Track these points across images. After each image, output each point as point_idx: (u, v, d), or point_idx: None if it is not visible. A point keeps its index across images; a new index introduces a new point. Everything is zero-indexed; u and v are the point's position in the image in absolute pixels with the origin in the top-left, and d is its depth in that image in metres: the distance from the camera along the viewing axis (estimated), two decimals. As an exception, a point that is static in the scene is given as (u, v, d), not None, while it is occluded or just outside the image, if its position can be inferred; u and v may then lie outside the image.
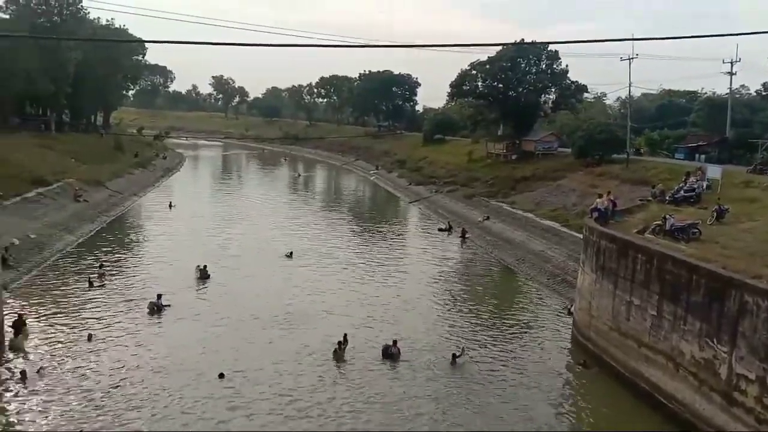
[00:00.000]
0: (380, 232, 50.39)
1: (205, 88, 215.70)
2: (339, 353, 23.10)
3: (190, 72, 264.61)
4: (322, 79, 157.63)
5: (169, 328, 25.51)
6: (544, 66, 69.60)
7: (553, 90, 70.97)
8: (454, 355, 23.28)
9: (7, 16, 71.75)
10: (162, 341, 24.01)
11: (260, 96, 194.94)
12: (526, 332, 27.49)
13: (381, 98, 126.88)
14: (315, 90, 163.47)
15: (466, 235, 47.55)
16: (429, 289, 33.91)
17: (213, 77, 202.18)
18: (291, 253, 38.51)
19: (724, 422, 17.08)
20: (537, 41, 67.78)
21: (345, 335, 23.91)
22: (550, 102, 73.11)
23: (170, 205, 55.32)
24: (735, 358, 16.88)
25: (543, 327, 28.28)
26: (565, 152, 62.60)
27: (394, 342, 23.66)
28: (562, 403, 20.94)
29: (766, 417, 15.78)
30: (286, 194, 72.76)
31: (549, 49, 68.03)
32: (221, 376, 20.90)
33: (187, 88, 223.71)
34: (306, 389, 20.54)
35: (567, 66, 69.66)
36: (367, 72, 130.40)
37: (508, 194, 55.68)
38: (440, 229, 50.28)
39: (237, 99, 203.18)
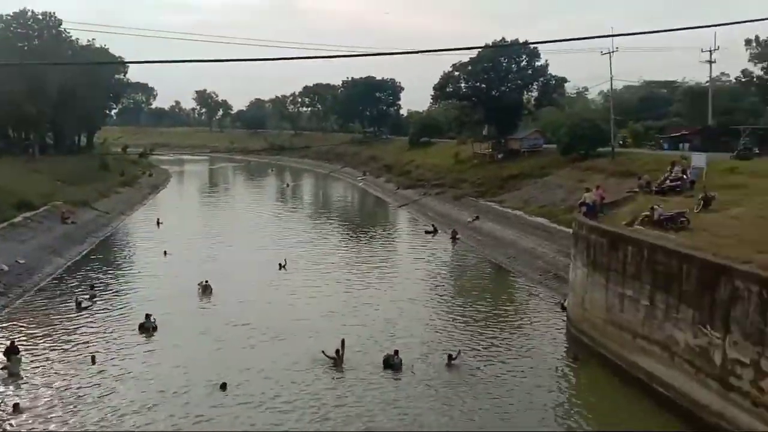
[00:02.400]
0: (370, 237, 50.46)
1: (188, 103, 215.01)
2: (338, 360, 23.07)
3: (172, 87, 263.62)
4: (305, 88, 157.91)
5: (165, 347, 25.32)
6: (524, 63, 70.18)
7: (535, 87, 71.48)
8: (449, 356, 23.30)
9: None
10: (159, 360, 23.87)
11: (244, 108, 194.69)
12: (520, 329, 27.60)
13: (365, 104, 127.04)
14: (299, 99, 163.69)
15: (457, 236, 47.67)
16: (422, 291, 33.95)
17: (196, 92, 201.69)
18: (284, 263, 38.43)
19: (721, 407, 17.19)
20: (517, 42, 67.82)
21: (342, 341, 23.86)
22: (533, 99, 73.60)
23: (158, 222, 54.99)
24: (729, 344, 17.01)
25: (537, 323, 28.41)
26: (551, 149, 62.95)
27: (396, 352, 23.40)
28: (560, 399, 21.01)
29: (762, 400, 15.91)
30: (274, 205, 72.68)
31: (529, 46, 68.56)
32: (223, 387, 20.87)
33: (170, 104, 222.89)
34: (308, 396, 20.51)
35: (547, 61, 70.42)
36: (350, 79, 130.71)
37: (497, 193, 55.90)
38: (426, 232, 50.47)
39: (221, 112, 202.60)
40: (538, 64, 69.94)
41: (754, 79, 59.04)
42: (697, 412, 18.06)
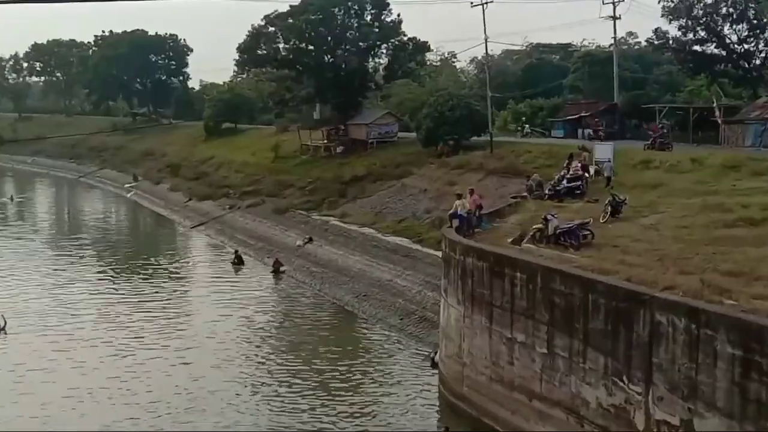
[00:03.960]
0: (149, 276, 48.67)
1: None
2: None
3: None
4: (35, 46, 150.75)
5: None
6: (369, 18, 71.76)
7: (384, 51, 73.31)
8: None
9: None
10: None
11: None
12: (373, 401, 27.74)
13: (133, 72, 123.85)
14: (25, 63, 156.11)
15: (282, 268, 47.37)
16: (230, 353, 33.23)
17: None
18: (2, 324, 36.01)
19: (646, 489, 18.28)
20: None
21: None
22: (381, 68, 75.28)
23: None
24: (653, 400, 18.15)
25: (399, 386, 28.78)
26: (409, 138, 64.53)
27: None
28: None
29: (698, 474, 17.10)
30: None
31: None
32: None
33: None
34: None
35: (399, 16, 72.38)
36: (107, 33, 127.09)
37: (336, 203, 56.31)
38: (232, 263, 50.05)
39: None
40: (388, 19, 71.91)
41: (670, 42, 63.91)
42: (616, 497, 19.06)
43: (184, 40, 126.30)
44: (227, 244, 57.24)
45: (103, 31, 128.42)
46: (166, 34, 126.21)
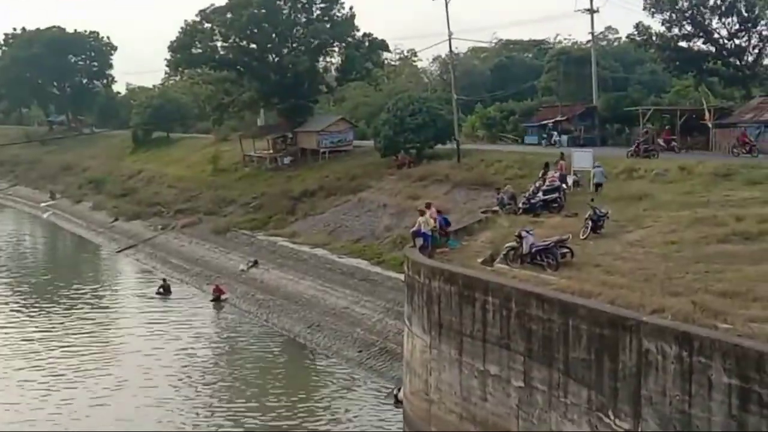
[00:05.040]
0: (69, 305, 48.19)
1: None
2: None
3: None
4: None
5: None
6: (318, 13, 72.08)
7: (336, 50, 73.63)
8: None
9: None
10: None
11: None
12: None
13: (50, 75, 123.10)
14: None
15: (223, 297, 47.12)
16: (163, 388, 33.27)
17: None
18: None
19: None
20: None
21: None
22: (333, 69, 75.48)
23: None
24: (641, 438, 18.30)
25: (359, 427, 28.74)
26: (366, 147, 64.85)
27: None
28: None
29: None
30: None
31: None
32: None
33: None
34: None
35: (353, 10, 72.97)
36: (19, 31, 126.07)
37: (285, 221, 56.55)
38: (158, 292, 49.60)
39: None
40: (339, 13, 72.36)
41: (653, 38, 64.55)
42: None
43: (108, 37, 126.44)
44: (159, 269, 56.94)
45: (14, 29, 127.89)
46: (86, 31, 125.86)
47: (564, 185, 35.11)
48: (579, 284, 22.13)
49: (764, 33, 60.41)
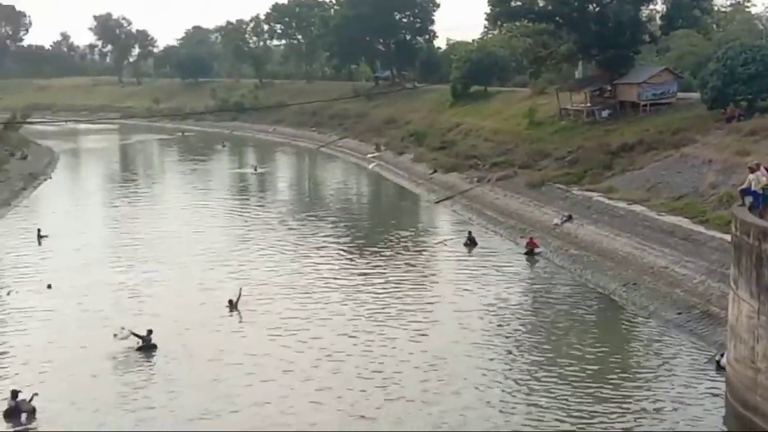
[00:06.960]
0: (390, 256, 50.03)
1: (83, 38, 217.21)
2: None
3: (56, 12, 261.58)
4: (276, 6, 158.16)
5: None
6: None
7: (660, -2, 70.95)
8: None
9: None
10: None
11: (175, 43, 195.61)
12: (649, 403, 27.25)
13: (376, 32, 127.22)
14: (266, 26, 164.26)
15: (536, 250, 47.39)
16: (476, 332, 34.57)
17: (95, 18, 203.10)
18: (237, 298, 38.43)
19: None
20: None
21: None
22: (657, 18, 73.01)
23: (39, 236, 55.21)
24: None
25: (676, 392, 28.00)
26: (691, 99, 62.31)
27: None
28: None
29: None
30: (230, 205, 72.55)
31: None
32: None
33: (54, 39, 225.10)
34: None
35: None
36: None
37: (601, 176, 55.54)
38: (465, 245, 50.60)
39: (137, 51, 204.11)
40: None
41: None
42: None
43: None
44: (474, 221, 57.89)
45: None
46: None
47: None
48: None
49: None
